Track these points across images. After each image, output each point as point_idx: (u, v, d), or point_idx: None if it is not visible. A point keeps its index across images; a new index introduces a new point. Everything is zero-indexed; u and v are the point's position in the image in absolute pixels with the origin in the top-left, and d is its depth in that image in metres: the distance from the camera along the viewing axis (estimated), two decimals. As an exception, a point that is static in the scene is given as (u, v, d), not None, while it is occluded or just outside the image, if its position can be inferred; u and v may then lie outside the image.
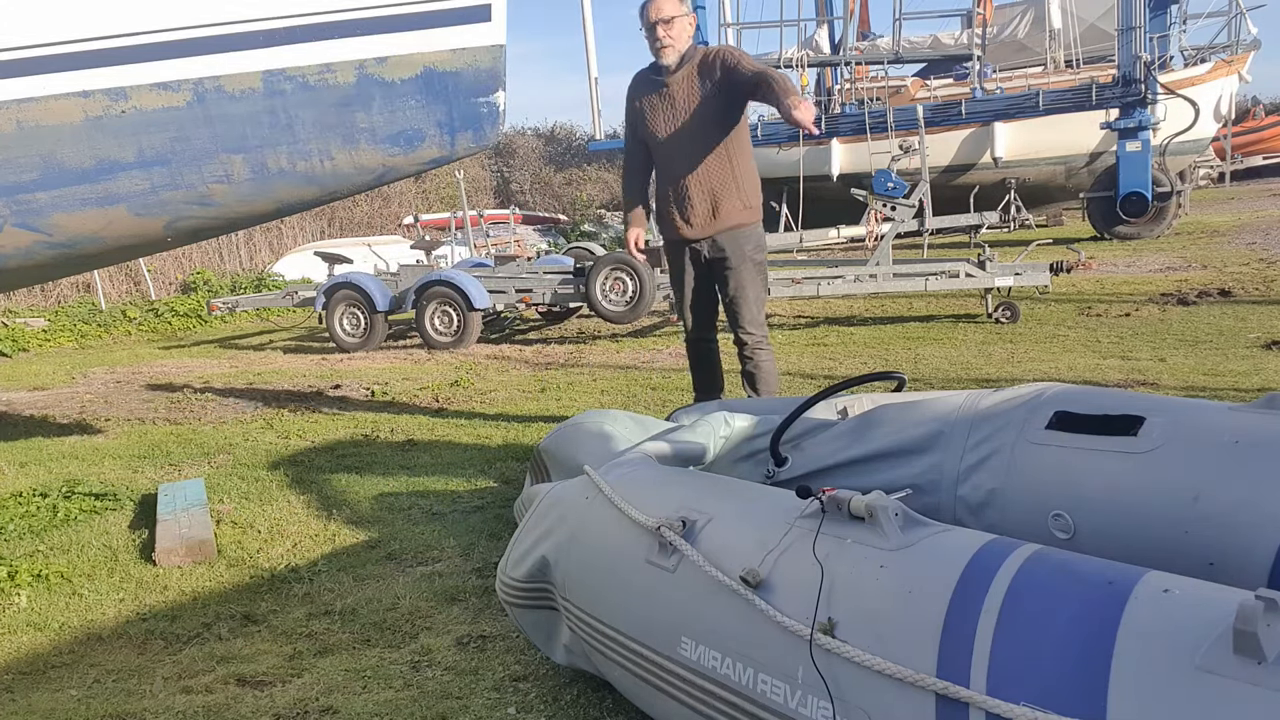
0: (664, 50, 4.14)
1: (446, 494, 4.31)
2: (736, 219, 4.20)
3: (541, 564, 2.36)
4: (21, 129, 4.06)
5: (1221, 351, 6.33)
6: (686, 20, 4.16)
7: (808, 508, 1.85)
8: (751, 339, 4.28)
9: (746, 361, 4.32)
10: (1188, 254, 12.33)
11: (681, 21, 4.13)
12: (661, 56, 4.16)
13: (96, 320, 12.79)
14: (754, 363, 4.30)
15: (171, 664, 2.83)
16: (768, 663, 1.72)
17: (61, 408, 7.23)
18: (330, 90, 4.04)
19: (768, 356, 4.32)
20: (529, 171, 30.90)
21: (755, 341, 4.28)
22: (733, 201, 4.18)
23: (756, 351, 4.29)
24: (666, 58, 4.15)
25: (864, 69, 18.97)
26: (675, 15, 4.10)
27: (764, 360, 4.30)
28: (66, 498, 4.45)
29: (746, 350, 4.30)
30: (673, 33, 4.11)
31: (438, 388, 6.99)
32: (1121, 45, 14.85)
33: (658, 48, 4.15)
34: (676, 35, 4.12)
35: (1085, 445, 2.23)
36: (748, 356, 4.31)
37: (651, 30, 4.13)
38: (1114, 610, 1.41)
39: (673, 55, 4.14)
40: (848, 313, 9.51)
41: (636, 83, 4.34)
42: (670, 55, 4.14)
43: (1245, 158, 26.10)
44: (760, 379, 4.29)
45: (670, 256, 4.42)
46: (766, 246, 4.44)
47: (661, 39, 4.11)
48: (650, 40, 4.17)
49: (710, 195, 4.16)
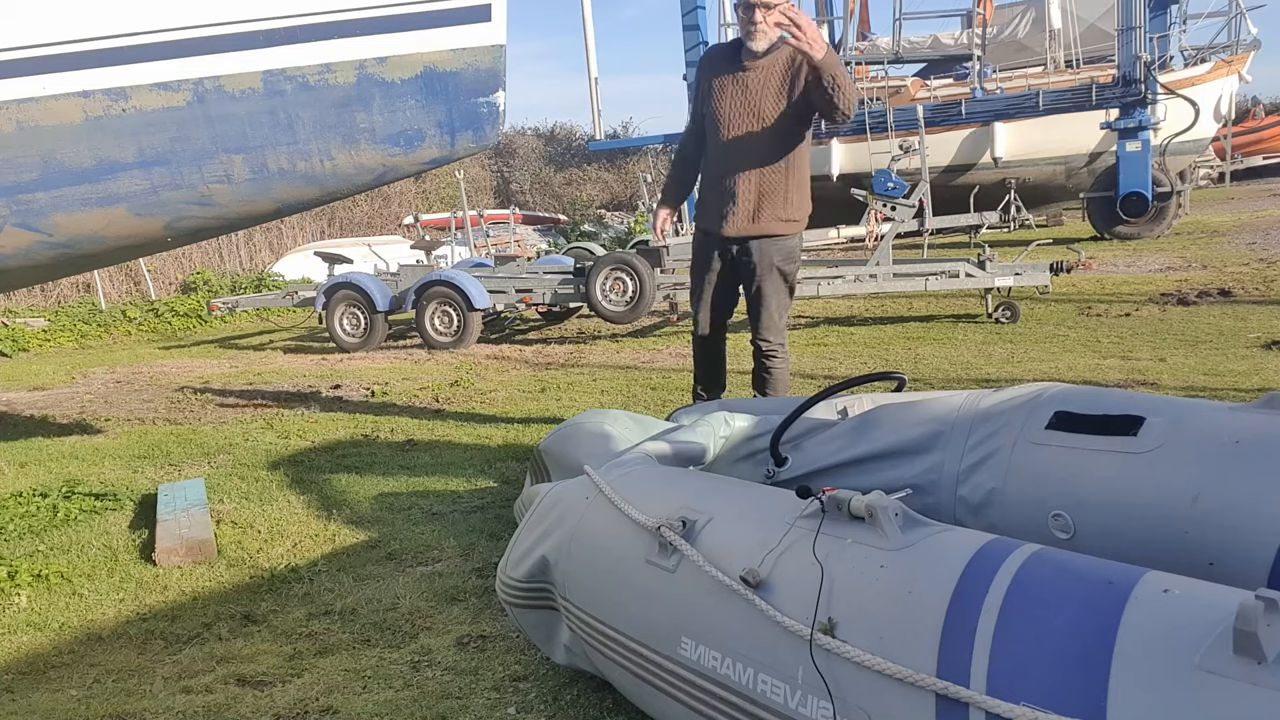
0: (756, 35, 3.97)
1: (446, 494, 4.31)
2: (774, 229, 4.09)
3: (541, 564, 2.36)
4: (21, 129, 4.06)
5: (1221, 351, 6.33)
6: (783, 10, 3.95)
7: (808, 508, 1.85)
8: (767, 345, 4.20)
9: (760, 366, 4.24)
10: (1188, 254, 12.33)
11: (782, 7, 3.94)
12: (752, 40, 3.99)
13: (96, 320, 12.79)
14: (767, 368, 4.22)
15: (171, 664, 2.83)
16: (768, 663, 1.72)
17: (61, 408, 7.23)
18: (330, 90, 4.04)
19: (783, 364, 4.23)
20: (529, 171, 30.91)
21: (770, 349, 4.20)
22: (776, 209, 4.06)
23: (772, 358, 4.21)
24: (758, 43, 3.99)
25: (864, 69, 18.98)
26: (778, 3, 3.92)
27: (777, 367, 4.22)
28: (66, 498, 4.45)
29: (762, 355, 4.22)
30: (770, 20, 3.93)
31: (438, 388, 6.99)
32: (1121, 45, 14.86)
33: (751, 30, 3.97)
34: (772, 22, 3.94)
35: (1085, 445, 2.23)
36: (763, 362, 4.22)
37: (750, 11, 3.95)
38: (1114, 610, 1.41)
39: (764, 42, 3.97)
40: (848, 313, 9.51)
41: (711, 58, 4.19)
42: (761, 41, 3.97)
43: (1245, 158, 26.10)
44: (771, 384, 4.23)
45: (698, 246, 4.31)
46: (800, 259, 4.33)
47: (758, 23, 3.94)
48: (744, 20, 4.00)
49: (756, 197, 4.05)
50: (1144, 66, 14.45)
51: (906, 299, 9.83)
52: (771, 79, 3.99)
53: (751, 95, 4.00)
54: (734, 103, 4.03)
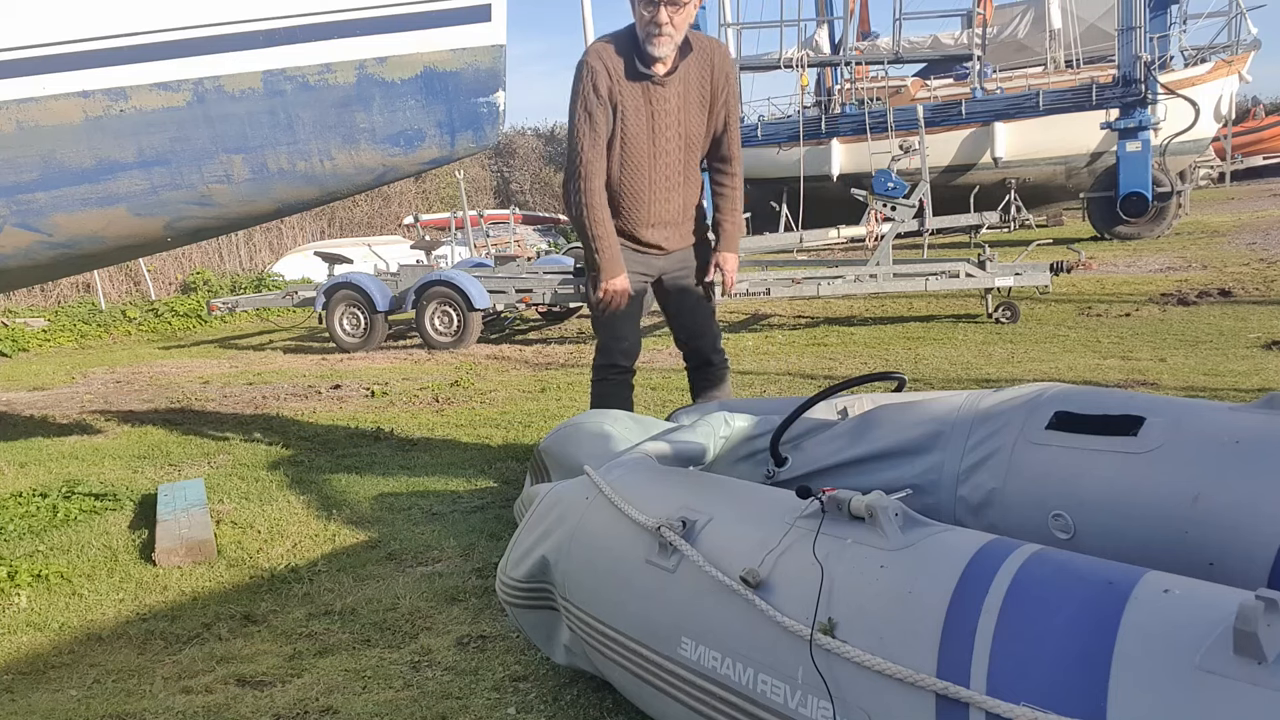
0: (659, 39, 3.36)
1: (446, 494, 4.31)
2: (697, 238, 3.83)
3: (541, 564, 2.36)
4: (21, 129, 4.06)
5: (1222, 351, 6.33)
6: (693, 7, 3.35)
7: (808, 508, 1.85)
8: (719, 358, 3.89)
9: (709, 387, 3.86)
10: (1188, 254, 12.33)
11: (690, 9, 3.35)
12: (654, 45, 3.37)
13: (96, 320, 12.79)
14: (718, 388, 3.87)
15: (171, 664, 2.83)
16: (768, 663, 1.72)
17: (61, 408, 7.23)
18: (330, 90, 4.04)
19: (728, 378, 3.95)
20: (529, 171, 30.92)
21: (722, 360, 3.90)
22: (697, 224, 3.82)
23: (724, 372, 3.90)
24: (660, 48, 3.38)
25: (864, 69, 19.00)
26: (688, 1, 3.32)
27: (727, 383, 3.92)
28: (66, 498, 4.45)
29: (715, 372, 3.87)
30: (678, 20, 3.35)
31: (438, 388, 6.99)
32: (1121, 45, 14.87)
33: (654, 32, 3.35)
34: (680, 24, 3.37)
35: (1085, 445, 2.23)
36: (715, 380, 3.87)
37: (655, 8, 3.31)
38: (1114, 610, 1.41)
39: (669, 47, 3.40)
40: (848, 313, 9.51)
41: (605, 61, 3.43)
42: (666, 46, 3.38)
43: (1245, 158, 26.13)
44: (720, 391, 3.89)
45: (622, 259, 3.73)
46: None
47: (663, 24, 3.33)
48: (647, 19, 3.34)
49: (684, 213, 3.72)
50: (1144, 66, 14.47)
51: (906, 299, 9.83)
52: (687, 89, 3.53)
53: (671, 110, 3.51)
54: (653, 119, 3.51)
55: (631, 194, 3.63)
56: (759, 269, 9.65)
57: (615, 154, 3.55)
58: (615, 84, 3.45)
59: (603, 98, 3.45)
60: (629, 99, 3.48)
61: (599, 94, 3.44)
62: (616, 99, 3.47)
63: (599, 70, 3.43)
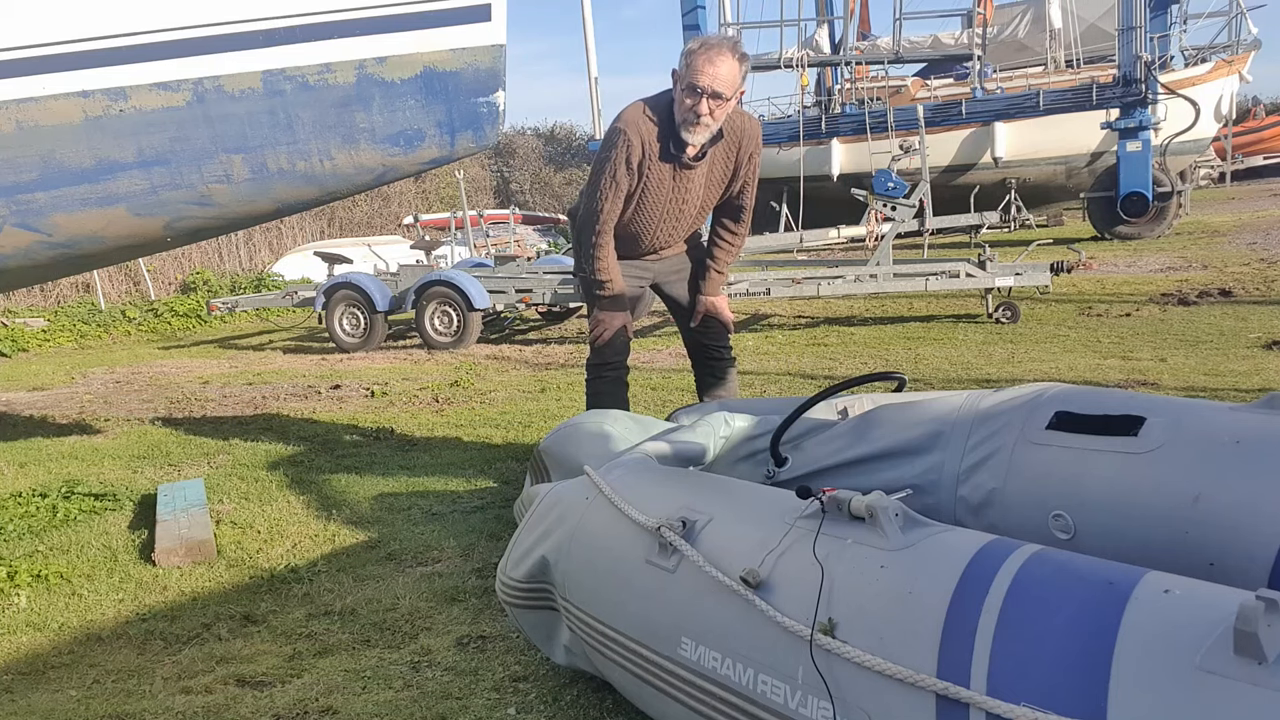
0: (697, 129, 3.47)
1: (446, 494, 4.31)
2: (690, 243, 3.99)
3: (541, 564, 2.36)
4: (21, 129, 4.06)
5: (1222, 351, 6.33)
6: (735, 101, 3.48)
7: (808, 508, 1.85)
8: (729, 352, 4.01)
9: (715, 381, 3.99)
10: (1188, 254, 12.33)
11: (732, 103, 3.48)
12: (691, 133, 3.48)
13: (96, 320, 12.80)
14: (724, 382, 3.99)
15: (171, 664, 2.83)
16: (768, 663, 1.72)
17: (61, 408, 7.23)
18: (330, 90, 4.04)
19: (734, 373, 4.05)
20: (529, 171, 30.95)
21: (729, 353, 4.01)
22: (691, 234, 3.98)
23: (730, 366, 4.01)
24: (697, 136, 3.49)
25: (864, 69, 18.99)
26: (732, 95, 3.43)
27: (734, 378, 4.03)
28: (66, 498, 4.45)
29: (723, 367, 3.99)
30: (718, 113, 3.45)
31: (438, 388, 6.99)
32: (1122, 45, 14.88)
33: (692, 120, 3.44)
34: (719, 116, 3.47)
35: (1086, 445, 2.23)
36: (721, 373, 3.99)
37: (698, 98, 3.40)
38: (1114, 610, 1.41)
39: (704, 136, 3.51)
40: (848, 313, 9.51)
41: (642, 136, 3.52)
42: (702, 135, 3.50)
43: (1246, 158, 26.16)
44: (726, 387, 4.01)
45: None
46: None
47: (703, 115, 3.42)
48: (688, 106, 3.43)
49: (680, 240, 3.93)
50: (1144, 66, 14.48)
51: (906, 299, 9.83)
52: (713, 173, 3.68)
53: (693, 189, 3.68)
54: (674, 197, 3.67)
55: (635, 235, 3.81)
56: (759, 269, 9.65)
57: (630, 207, 3.70)
58: (646, 158, 3.57)
59: (632, 169, 3.58)
60: (655, 173, 3.62)
61: (629, 166, 3.57)
62: (645, 171, 3.60)
63: (634, 145, 3.53)
